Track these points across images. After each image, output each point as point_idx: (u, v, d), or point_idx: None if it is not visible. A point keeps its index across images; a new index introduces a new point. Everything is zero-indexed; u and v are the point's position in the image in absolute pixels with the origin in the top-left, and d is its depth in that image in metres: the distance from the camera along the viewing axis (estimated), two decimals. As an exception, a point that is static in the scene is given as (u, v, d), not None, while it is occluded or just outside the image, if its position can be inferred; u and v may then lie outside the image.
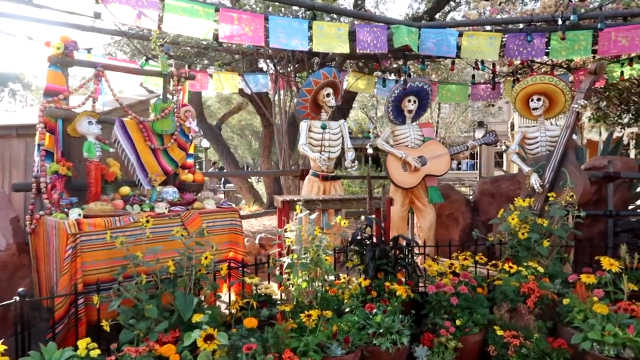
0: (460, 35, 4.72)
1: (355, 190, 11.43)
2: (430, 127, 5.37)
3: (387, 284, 3.53)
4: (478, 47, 4.68)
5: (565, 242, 4.23)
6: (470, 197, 6.09)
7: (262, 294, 3.22)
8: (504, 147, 18.66)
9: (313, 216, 3.83)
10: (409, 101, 5.16)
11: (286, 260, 3.53)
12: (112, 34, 5.92)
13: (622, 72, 5.19)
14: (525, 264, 3.81)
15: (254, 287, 3.22)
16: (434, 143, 5.15)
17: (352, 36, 4.58)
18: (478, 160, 26.99)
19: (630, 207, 6.27)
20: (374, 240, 3.90)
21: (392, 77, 6.74)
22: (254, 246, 5.42)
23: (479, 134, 14.51)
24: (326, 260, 3.51)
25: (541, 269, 3.88)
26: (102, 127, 3.86)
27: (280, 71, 6.02)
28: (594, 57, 5.03)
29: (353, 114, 22.78)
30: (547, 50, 4.72)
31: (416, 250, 5.20)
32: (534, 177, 4.73)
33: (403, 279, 3.77)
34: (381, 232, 3.95)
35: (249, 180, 11.72)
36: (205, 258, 2.88)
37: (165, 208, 3.45)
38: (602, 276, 3.53)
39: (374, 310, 3.25)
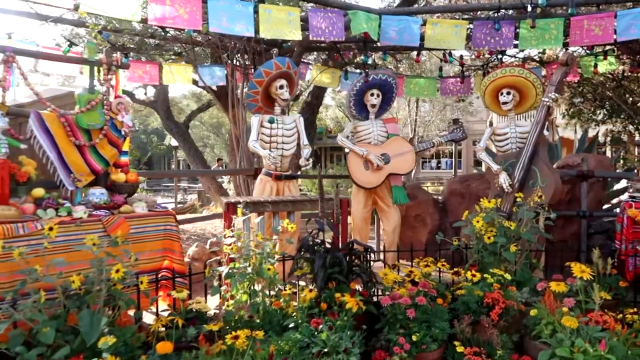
0: (424, 23, 4.38)
1: (327, 191, 11.05)
2: (395, 122, 5.02)
3: (337, 295, 3.17)
4: (443, 36, 4.34)
5: (534, 246, 3.93)
6: (440, 198, 5.78)
7: (193, 310, 2.83)
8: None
9: (258, 219, 3.45)
10: (372, 95, 4.81)
11: (224, 269, 3.15)
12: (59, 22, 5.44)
13: (595, 65, 4.91)
14: (491, 270, 3.49)
15: (182, 302, 2.83)
16: (398, 140, 4.81)
17: (305, 23, 4.21)
18: (454, 159, 26.90)
19: (605, 207, 6.03)
20: (327, 246, 3.53)
21: (358, 69, 6.37)
22: (204, 251, 5.02)
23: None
24: (269, 269, 3.14)
25: (508, 276, 3.57)
26: (21, 121, 3.44)
27: (237, 63, 5.61)
28: (566, 48, 4.75)
29: (330, 112, 22.42)
30: (516, 42, 4.42)
31: (381, 256, 4.87)
32: (503, 176, 4.43)
33: (360, 288, 3.43)
34: (336, 236, 3.59)
35: (218, 180, 11.27)
36: (117, 271, 2.48)
37: (85, 212, 3.03)
38: (573, 284, 3.24)
39: (320, 326, 2.89)
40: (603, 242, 4.88)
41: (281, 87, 4.27)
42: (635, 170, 4.83)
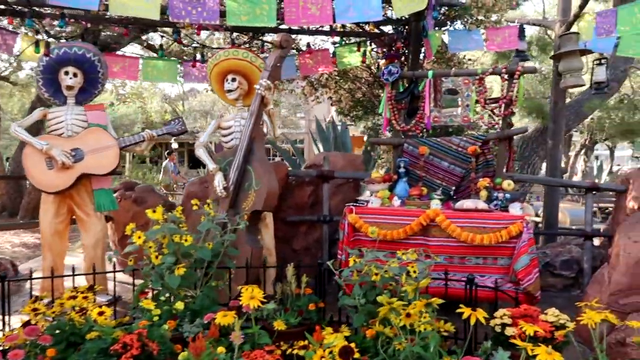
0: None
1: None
2: (102, 109, 4.02)
3: None
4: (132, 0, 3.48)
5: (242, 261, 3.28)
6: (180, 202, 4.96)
7: None
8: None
9: None
10: (67, 73, 3.79)
11: None
12: None
13: (334, 54, 4.47)
14: (139, 302, 2.72)
15: None
16: (96, 131, 3.82)
17: None
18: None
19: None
20: None
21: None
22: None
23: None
24: None
25: (180, 306, 2.82)
26: None
27: None
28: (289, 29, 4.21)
29: (155, 105, 20.52)
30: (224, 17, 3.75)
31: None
32: (218, 178, 3.75)
33: None
34: None
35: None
36: None
37: None
38: (249, 312, 2.60)
39: None
40: (346, 248, 4.46)
41: None
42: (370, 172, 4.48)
